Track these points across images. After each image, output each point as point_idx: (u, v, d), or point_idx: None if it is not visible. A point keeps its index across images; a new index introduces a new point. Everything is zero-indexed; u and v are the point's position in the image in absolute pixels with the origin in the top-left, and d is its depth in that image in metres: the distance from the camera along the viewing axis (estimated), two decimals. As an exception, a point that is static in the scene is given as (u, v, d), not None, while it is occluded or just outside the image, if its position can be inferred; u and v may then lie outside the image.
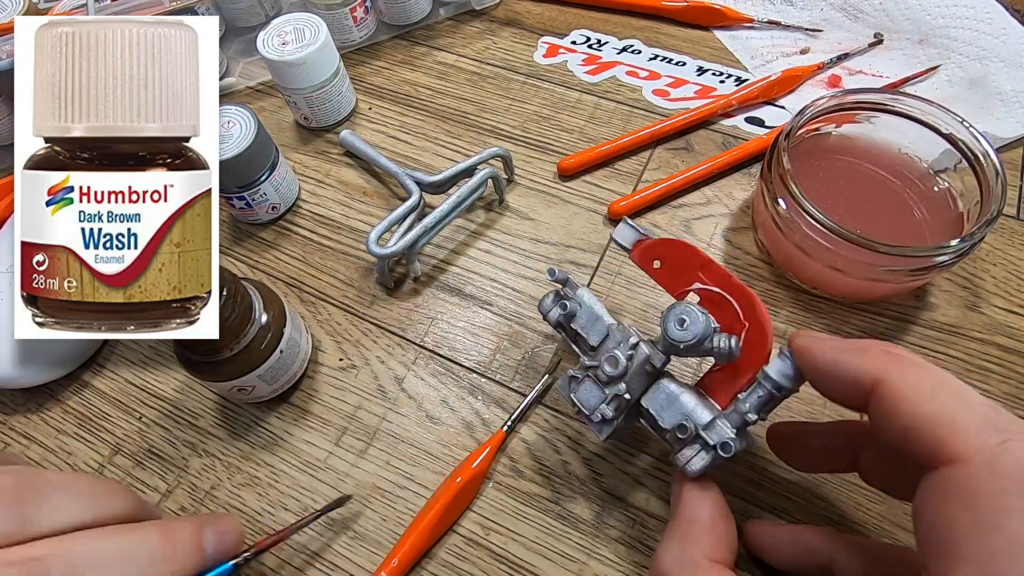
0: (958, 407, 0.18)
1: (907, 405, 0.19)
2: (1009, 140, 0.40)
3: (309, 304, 0.38)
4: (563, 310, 0.28)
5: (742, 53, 0.47)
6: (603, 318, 0.28)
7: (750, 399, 0.24)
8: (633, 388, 0.25)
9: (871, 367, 0.20)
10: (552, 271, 0.29)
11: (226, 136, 0.36)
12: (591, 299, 0.29)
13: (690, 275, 0.27)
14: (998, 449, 0.17)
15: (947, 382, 0.19)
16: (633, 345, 0.25)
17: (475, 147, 0.44)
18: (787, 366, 0.23)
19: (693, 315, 0.24)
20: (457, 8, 0.51)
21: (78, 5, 0.46)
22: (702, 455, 0.24)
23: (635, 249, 0.30)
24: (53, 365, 0.35)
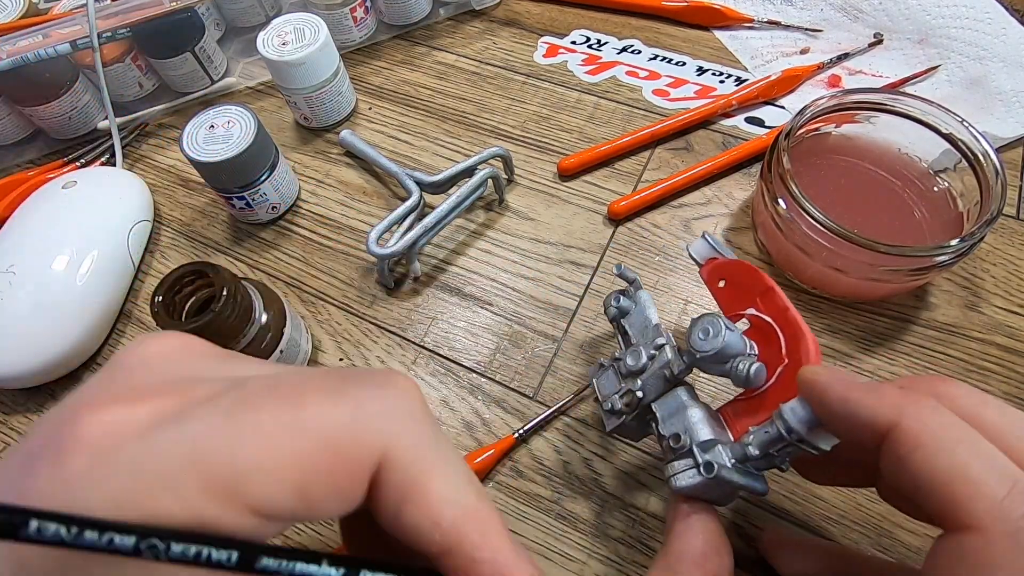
0: (981, 465, 0.16)
1: (923, 455, 0.17)
2: (1009, 140, 0.40)
3: (309, 304, 0.38)
4: (616, 302, 0.29)
5: (742, 53, 0.47)
6: (651, 319, 0.28)
7: (757, 432, 0.22)
8: (648, 389, 0.25)
9: (887, 408, 0.18)
10: (619, 267, 0.30)
11: (226, 136, 0.36)
12: (647, 300, 0.29)
13: (749, 300, 0.27)
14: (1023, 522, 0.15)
15: (970, 434, 0.17)
16: (659, 346, 0.26)
17: (475, 147, 0.44)
18: (803, 408, 0.21)
19: (718, 328, 0.23)
20: (457, 8, 0.51)
21: (78, 5, 0.46)
22: (691, 473, 0.23)
23: (706, 265, 0.30)
24: (53, 365, 0.35)
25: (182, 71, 0.46)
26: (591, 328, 0.36)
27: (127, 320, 0.38)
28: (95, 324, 0.36)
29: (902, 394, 0.18)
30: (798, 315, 0.24)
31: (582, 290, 0.37)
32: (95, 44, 0.41)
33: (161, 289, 0.27)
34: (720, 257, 0.29)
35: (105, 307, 0.36)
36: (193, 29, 0.45)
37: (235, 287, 0.27)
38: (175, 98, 0.48)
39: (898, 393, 0.18)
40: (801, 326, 0.24)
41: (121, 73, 0.45)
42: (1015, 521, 0.15)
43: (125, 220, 0.39)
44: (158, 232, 0.42)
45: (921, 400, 0.18)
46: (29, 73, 0.41)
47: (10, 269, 0.35)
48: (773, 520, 0.29)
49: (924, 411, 0.18)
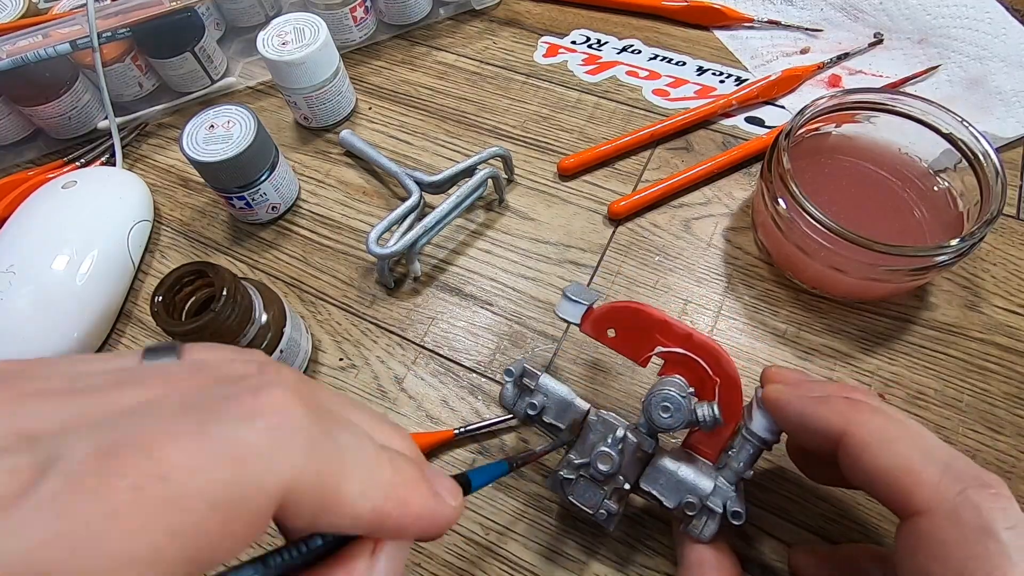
0: (917, 456, 0.19)
1: (870, 455, 0.20)
2: (1009, 140, 0.40)
3: (309, 304, 0.38)
4: (532, 409, 0.27)
5: (742, 53, 0.47)
6: (573, 404, 0.27)
7: (741, 458, 0.25)
8: (629, 476, 0.25)
9: (835, 419, 0.21)
10: (508, 370, 0.28)
11: (226, 136, 0.36)
12: (556, 386, 0.28)
13: (649, 339, 0.27)
14: (958, 499, 0.18)
15: (907, 430, 0.20)
16: (621, 438, 0.25)
17: (475, 147, 0.44)
18: (769, 421, 0.24)
19: (674, 400, 0.24)
20: (457, 8, 0.51)
21: (78, 5, 0.46)
22: (711, 522, 0.25)
23: (584, 322, 0.28)
24: (53, 365, 0.35)
25: (182, 71, 0.46)
26: (591, 328, 0.36)
27: (127, 320, 0.38)
28: (95, 324, 0.36)
29: (848, 404, 0.21)
30: (702, 335, 0.26)
31: (582, 290, 0.37)
32: (95, 44, 0.41)
33: (161, 289, 0.27)
34: (591, 307, 0.28)
35: (105, 307, 0.36)
36: (193, 29, 0.45)
37: (235, 287, 0.27)
38: (175, 98, 0.48)
39: (845, 404, 0.21)
40: (712, 345, 0.26)
41: (121, 73, 0.45)
42: (952, 499, 0.18)
43: (125, 220, 0.39)
44: (158, 232, 0.42)
45: (864, 406, 0.21)
46: (29, 73, 0.41)
47: (10, 269, 0.35)
48: (773, 520, 0.29)
49: (866, 415, 0.20)
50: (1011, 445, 0.31)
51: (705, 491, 0.25)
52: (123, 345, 0.37)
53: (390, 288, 0.38)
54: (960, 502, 0.18)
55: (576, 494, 0.26)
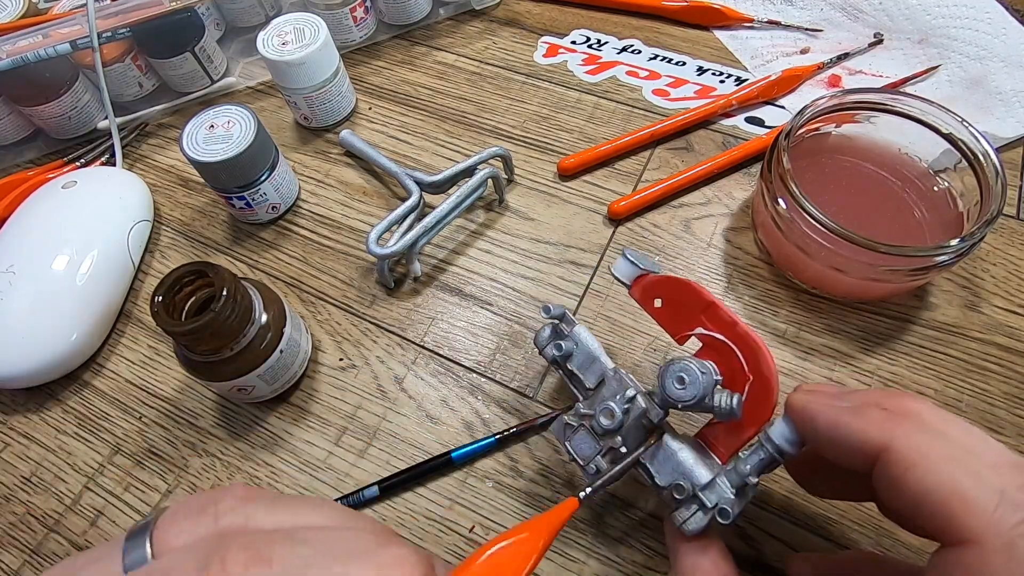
0: (971, 478, 0.17)
1: (915, 475, 0.18)
2: (1009, 140, 0.40)
3: (309, 304, 0.38)
4: (558, 351, 0.27)
5: (742, 53, 0.47)
6: (600, 359, 0.27)
7: (751, 460, 0.23)
8: (629, 441, 0.25)
9: (876, 433, 0.19)
10: (547, 308, 0.28)
11: (226, 136, 0.36)
12: (588, 338, 0.28)
13: (693, 318, 0.25)
14: (1015, 532, 0.16)
15: (958, 446, 0.18)
16: (630, 398, 0.24)
17: (475, 147, 0.44)
18: (790, 430, 0.22)
19: (693, 373, 0.23)
20: (457, 8, 0.51)
21: (78, 5, 0.46)
22: (699, 516, 0.23)
23: (635, 286, 0.28)
24: (53, 365, 0.35)
25: (182, 71, 0.46)
26: (591, 328, 0.35)
27: (127, 320, 0.38)
28: (95, 324, 0.36)
29: (888, 416, 0.19)
30: (747, 327, 0.24)
31: (582, 290, 0.37)
32: (95, 44, 0.41)
33: (161, 289, 0.27)
34: (648, 274, 0.28)
35: (105, 307, 0.36)
36: (193, 29, 0.45)
37: (235, 287, 0.27)
38: (175, 98, 0.48)
39: (884, 416, 0.19)
40: (755, 339, 0.24)
41: (121, 73, 0.45)
42: (1008, 532, 0.16)
43: (125, 220, 0.39)
44: (158, 232, 0.42)
45: (907, 421, 0.19)
46: (29, 73, 0.41)
47: (10, 269, 0.35)
48: (773, 520, 0.29)
49: (912, 432, 0.18)
50: (1011, 445, 0.31)
51: (700, 480, 0.23)
52: (123, 345, 0.37)
53: (390, 288, 0.38)
54: (1018, 535, 0.16)
55: (574, 442, 0.26)
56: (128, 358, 0.37)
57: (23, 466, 0.34)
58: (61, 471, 0.34)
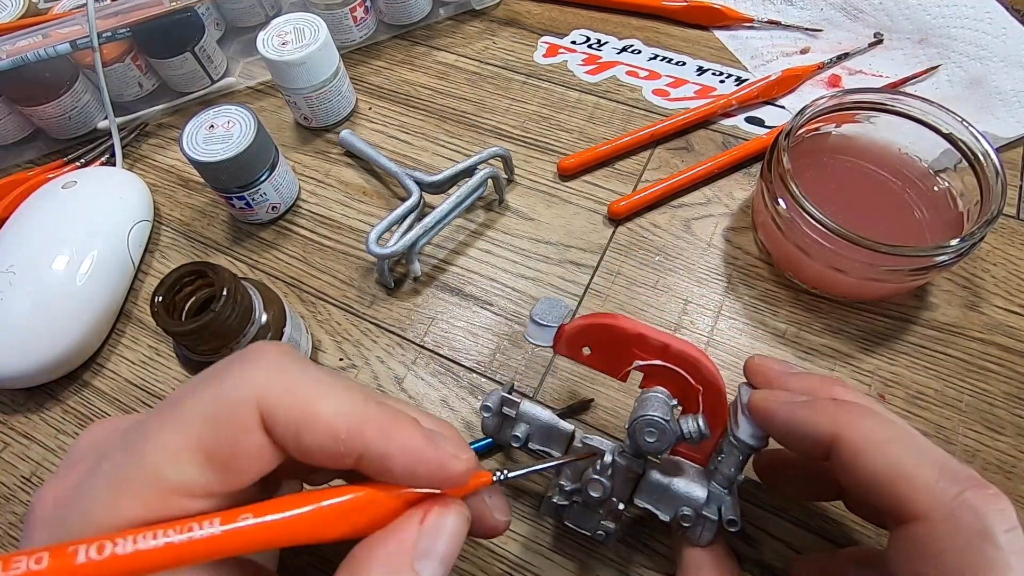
0: (912, 458, 0.18)
1: (863, 459, 0.19)
2: (1009, 140, 0.40)
3: (309, 304, 0.38)
4: (516, 441, 0.27)
5: (742, 53, 0.47)
6: (557, 427, 0.27)
7: (729, 463, 0.24)
8: (622, 495, 0.25)
9: (825, 423, 0.20)
10: (486, 406, 0.27)
11: (226, 136, 0.36)
12: (538, 411, 0.27)
13: (626, 353, 0.26)
14: (955, 503, 0.17)
15: (899, 431, 0.19)
16: (609, 464, 0.24)
17: (475, 147, 0.44)
18: (753, 427, 0.23)
19: (659, 425, 0.23)
20: (457, 8, 0.51)
21: (78, 5, 0.46)
22: (707, 530, 0.24)
23: (557, 343, 0.27)
24: (53, 365, 0.35)
25: (182, 71, 0.46)
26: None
27: (127, 320, 0.38)
28: (95, 324, 0.36)
29: (836, 405, 0.20)
30: (676, 342, 0.25)
31: (582, 290, 0.37)
32: (95, 44, 0.41)
33: (161, 289, 0.27)
34: (561, 326, 0.26)
35: (105, 307, 0.36)
36: (193, 29, 0.45)
37: (235, 287, 0.27)
38: (175, 98, 0.48)
39: (834, 407, 0.20)
40: (689, 353, 0.25)
41: (121, 73, 0.45)
42: (949, 503, 0.17)
43: (125, 220, 0.39)
44: (158, 232, 0.42)
45: (853, 408, 0.20)
46: (29, 73, 0.41)
47: (10, 269, 0.35)
48: (773, 520, 0.29)
49: (856, 418, 0.19)
50: (1011, 445, 0.31)
51: (699, 501, 0.24)
52: (123, 345, 0.37)
53: (390, 288, 0.38)
54: (957, 505, 0.17)
55: (572, 519, 0.26)
56: (128, 358, 0.37)
57: (23, 466, 0.34)
58: (61, 471, 0.34)
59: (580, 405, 0.32)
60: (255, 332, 0.29)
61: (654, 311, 0.36)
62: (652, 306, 0.36)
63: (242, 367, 0.17)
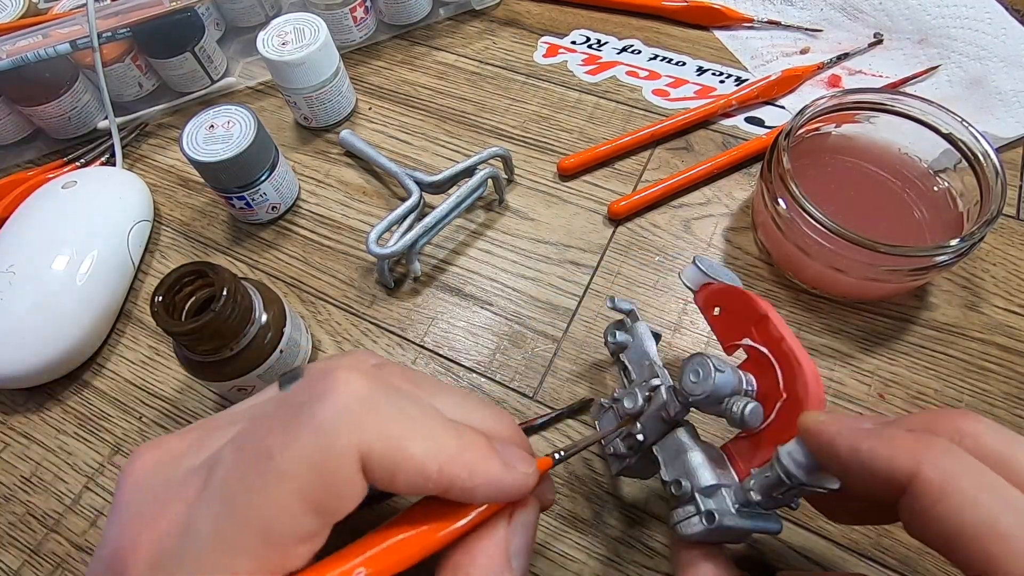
0: (1009, 516, 0.15)
1: (947, 507, 0.16)
2: (1009, 140, 0.40)
3: (309, 304, 0.38)
4: (613, 338, 0.29)
5: (742, 53, 0.47)
6: (649, 354, 0.27)
7: (757, 476, 0.21)
8: (648, 431, 0.25)
9: (904, 458, 0.17)
10: (612, 300, 0.29)
11: (226, 136, 0.36)
12: (645, 333, 0.28)
13: (744, 328, 0.25)
14: None
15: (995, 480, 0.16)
16: (654, 388, 0.25)
17: (475, 147, 0.44)
18: (801, 453, 0.19)
19: (707, 369, 0.22)
20: (457, 8, 0.51)
21: (78, 5, 0.46)
22: (695, 520, 0.22)
23: (700, 292, 0.28)
24: (53, 365, 0.35)
25: (182, 71, 0.46)
26: (591, 328, 0.36)
27: (127, 320, 0.38)
28: (95, 324, 0.36)
29: (916, 438, 0.17)
30: (795, 345, 0.23)
31: (582, 290, 0.37)
32: (95, 44, 0.41)
33: (161, 289, 0.27)
34: (714, 283, 0.28)
35: (105, 307, 0.36)
36: (193, 29, 0.45)
37: (235, 287, 0.27)
38: (175, 98, 0.48)
39: (912, 438, 0.17)
40: (797, 357, 0.22)
41: (121, 73, 0.45)
42: None
43: (125, 220, 0.39)
44: (158, 232, 0.42)
45: (938, 445, 0.17)
46: (29, 73, 0.41)
47: (10, 269, 0.35)
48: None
49: (943, 458, 0.16)
50: (1011, 445, 0.31)
51: (702, 482, 0.22)
52: (123, 345, 0.37)
53: (390, 288, 0.38)
54: None
55: (602, 421, 0.28)
56: (128, 358, 0.37)
57: (23, 466, 0.34)
58: (61, 471, 0.34)
59: (580, 405, 0.32)
60: (255, 332, 0.29)
61: (654, 311, 0.36)
62: (652, 306, 0.36)
63: (333, 406, 0.16)
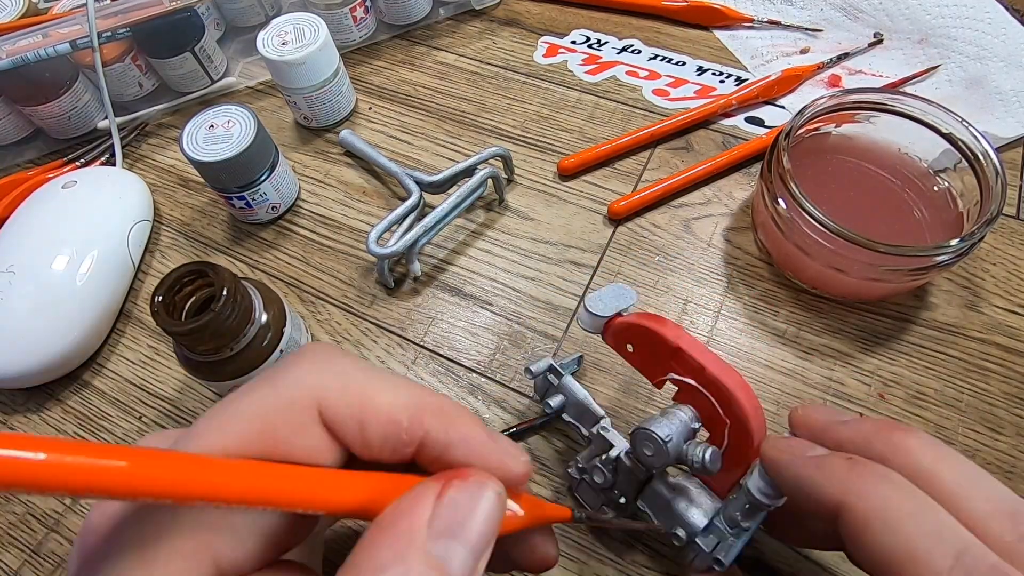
0: (926, 540, 0.16)
1: (871, 533, 0.17)
2: (1009, 140, 0.40)
3: (309, 304, 0.38)
4: (548, 408, 0.29)
5: (742, 53, 0.47)
6: (590, 409, 0.28)
7: (735, 506, 0.22)
8: (626, 492, 0.26)
9: (833, 488, 0.18)
10: (529, 369, 0.29)
11: (226, 136, 0.36)
12: (577, 389, 0.29)
13: (663, 362, 0.25)
14: None
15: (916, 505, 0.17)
16: (614, 460, 0.25)
17: (475, 147, 0.44)
18: (764, 482, 0.21)
19: (657, 443, 0.22)
20: (457, 8, 0.51)
21: (78, 5, 0.46)
22: (701, 556, 0.23)
23: (605, 333, 0.27)
24: (53, 365, 0.35)
25: (182, 71, 0.46)
26: (591, 328, 0.36)
27: (127, 320, 0.38)
28: (95, 324, 0.36)
29: (848, 468, 0.18)
30: (716, 369, 0.23)
31: (582, 290, 0.37)
32: (95, 44, 0.41)
33: (161, 289, 0.27)
34: (613, 318, 0.26)
35: (105, 307, 0.36)
36: (193, 29, 0.45)
37: (235, 287, 0.27)
38: (175, 98, 0.48)
39: (845, 467, 0.18)
40: (723, 382, 0.22)
41: (121, 73, 0.45)
42: None
43: (125, 220, 0.39)
44: (158, 232, 0.42)
45: (866, 474, 0.18)
46: (29, 73, 0.41)
47: (10, 269, 0.35)
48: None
49: (868, 487, 0.17)
50: (1011, 445, 0.31)
51: (695, 527, 0.23)
52: (123, 345, 0.37)
53: (390, 288, 0.38)
54: None
55: (580, 492, 0.28)
56: (128, 358, 0.37)
57: (23, 466, 0.34)
58: (61, 471, 0.34)
59: None
60: (255, 332, 0.29)
61: (654, 311, 0.36)
62: (652, 306, 0.36)
63: (297, 366, 0.16)
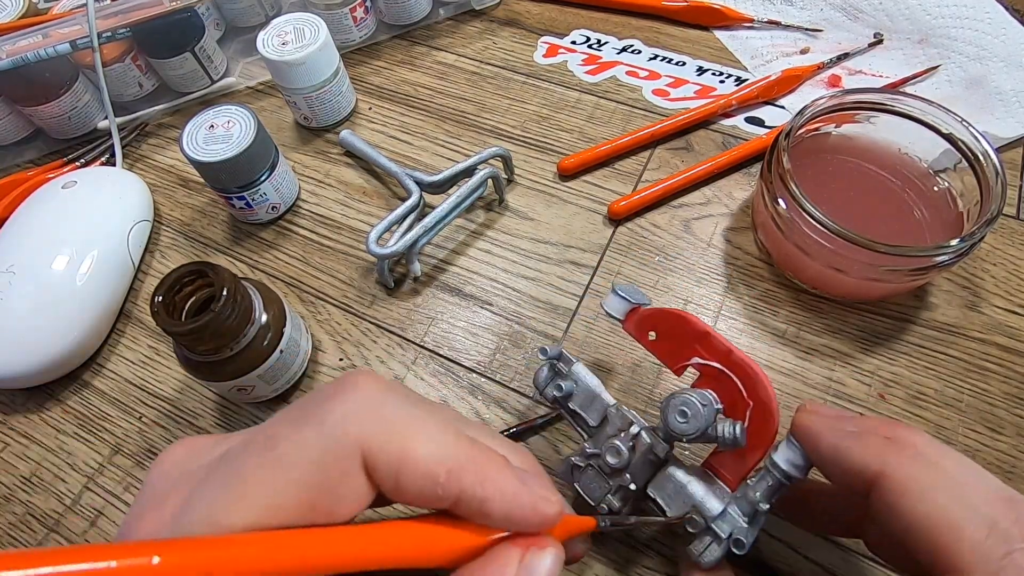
0: (962, 508, 0.17)
1: (907, 503, 0.18)
2: (1009, 140, 0.40)
3: (309, 304, 0.38)
4: (559, 391, 0.27)
5: (742, 53, 0.47)
6: (600, 396, 0.27)
7: (759, 487, 0.23)
8: (638, 477, 0.25)
9: (872, 459, 0.19)
10: (544, 349, 0.28)
11: (226, 136, 0.36)
12: (587, 375, 0.28)
13: (688, 348, 0.26)
14: (1004, 562, 0.16)
15: (951, 476, 0.18)
16: (635, 435, 0.25)
17: (475, 147, 0.44)
18: (796, 455, 0.22)
19: (694, 407, 0.23)
20: (457, 8, 0.51)
21: (78, 5, 0.46)
22: (714, 547, 0.23)
23: (628, 320, 0.28)
24: (53, 365, 0.35)
25: (182, 71, 0.46)
26: (591, 328, 0.36)
27: (127, 320, 0.38)
28: (95, 324, 0.36)
29: (886, 444, 0.19)
30: (742, 354, 0.24)
31: (582, 290, 0.37)
32: (95, 44, 0.41)
33: (161, 289, 0.27)
34: (639, 307, 0.28)
35: (105, 307, 0.36)
36: (193, 29, 0.45)
37: (235, 287, 0.27)
38: (175, 98, 0.48)
39: (883, 443, 0.19)
40: (751, 365, 0.24)
41: (121, 73, 0.45)
42: (996, 562, 0.16)
43: (125, 220, 0.39)
44: (158, 232, 0.42)
45: (904, 448, 0.19)
46: (29, 73, 0.41)
47: (10, 269, 0.35)
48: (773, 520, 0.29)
49: (907, 460, 0.19)
50: (1011, 445, 0.31)
51: (712, 512, 0.23)
52: (123, 345, 0.37)
53: (390, 288, 0.38)
54: (1005, 566, 0.16)
55: (583, 483, 0.26)
56: (128, 358, 0.37)
57: (23, 466, 0.34)
58: (61, 471, 0.34)
59: None
60: (255, 332, 0.29)
61: (654, 311, 0.36)
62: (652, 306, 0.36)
63: (342, 404, 0.16)
